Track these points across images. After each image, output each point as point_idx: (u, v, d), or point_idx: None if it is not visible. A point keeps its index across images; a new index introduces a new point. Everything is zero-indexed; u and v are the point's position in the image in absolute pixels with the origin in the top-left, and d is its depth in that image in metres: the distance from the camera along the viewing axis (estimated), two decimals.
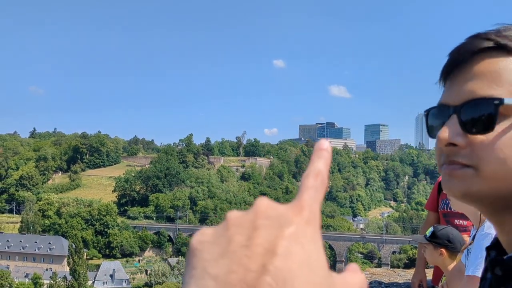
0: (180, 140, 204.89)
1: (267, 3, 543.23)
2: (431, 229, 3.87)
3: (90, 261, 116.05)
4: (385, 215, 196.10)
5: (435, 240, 3.77)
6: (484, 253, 2.19)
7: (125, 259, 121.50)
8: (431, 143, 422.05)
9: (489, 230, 2.60)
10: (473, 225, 3.04)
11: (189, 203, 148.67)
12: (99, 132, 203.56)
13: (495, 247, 1.01)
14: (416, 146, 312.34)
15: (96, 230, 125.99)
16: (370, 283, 5.06)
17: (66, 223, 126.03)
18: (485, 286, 1.01)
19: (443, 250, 3.77)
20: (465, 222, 4.42)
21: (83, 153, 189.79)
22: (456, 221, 4.54)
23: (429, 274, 4.86)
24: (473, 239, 2.84)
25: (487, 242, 2.46)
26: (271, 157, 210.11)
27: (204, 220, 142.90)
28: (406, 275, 5.20)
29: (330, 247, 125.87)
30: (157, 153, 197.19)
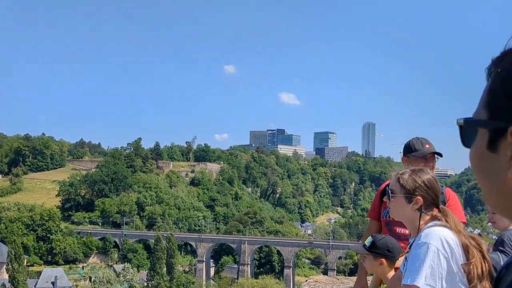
0: (128, 144, 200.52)
1: (217, 7, 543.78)
2: (370, 239, 3.95)
3: (30, 268, 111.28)
4: (332, 221, 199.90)
5: (375, 250, 3.85)
6: (423, 262, 2.61)
7: (68, 266, 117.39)
8: (377, 151, 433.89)
9: (426, 239, 2.68)
10: (410, 233, 3.12)
11: (136, 209, 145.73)
12: (43, 134, 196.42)
13: None
14: (362, 154, 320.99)
15: (37, 236, 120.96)
16: None
17: (6, 228, 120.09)
18: None
19: (383, 260, 3.85)
20: (406, 231, 4.41)
21: (26, 156, 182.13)
22: (398, 230, 4.60)
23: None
24: (410, 247, 2.90)
25: (424, 251, 2.68)
26: (221, 162, 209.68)
27: (151, 225, 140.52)
28: (349, 282, 5.36)
29: (278, 253, 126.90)
30: (104, 157, 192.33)
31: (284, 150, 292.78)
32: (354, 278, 5.36)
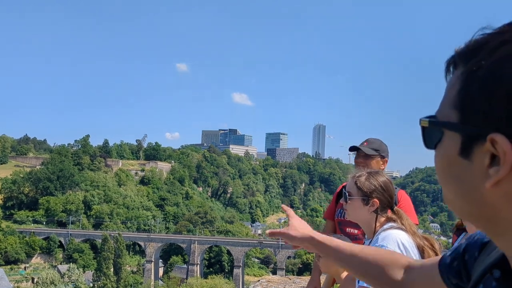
0: (75, 141, 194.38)
1: (170, 4, 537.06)
2: None
3: None
4: (282, 221, 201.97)
5: None
6: None
7: (9, 267, 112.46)
8: (327, 153, 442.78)
9: (383, 243, 2.77)
10: (365, 235, 3.24)
11: (83, 207, 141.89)
12: None
13: (499, 266, 0.90)
14: (312, 155, 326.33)
15: None
16: None
17: None
18: None
19: None
20: (355, 231, 4.63)
21: None
22: (348, 230, 4.75)
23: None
24: None
25: None
26: (172, 161, 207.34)
27: (98, 225, 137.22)
28: (301, 282, 5.63)
29: (228, 252, 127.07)
30: (49, 153, 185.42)
31: (236, 150, 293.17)
32: (306, 278, 5.64)
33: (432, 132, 0.91)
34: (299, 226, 1.99)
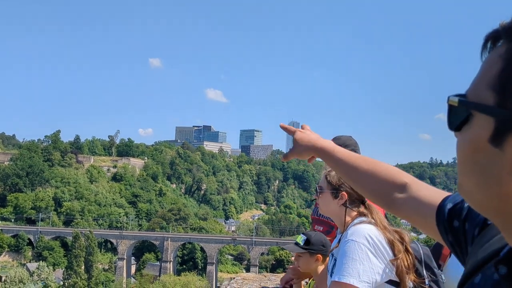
0: (45, 136, 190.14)
1: None
2: (302, 236, 4.03)
3: None
4: (256, 217, 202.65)
5: (311, 247, 3.93)
6: (352, 259, 2.69)
7: None
8: None
9: (352, 237, 2.78)
10: (337, 228, 3.28)
11: (54, 204, 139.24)
12: None
13: (505, 261, 0.83)
14: (286, 152, 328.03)
15: None
16: None
17: None
18: None
19: (320, 256, 3.97)
20: (320, 228, 4.68)
21: None
22: (316, 227, 4.78)
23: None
24: (338, 242, 3.01)
25: (351, 249, 2.77)
26: (145, 158, 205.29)
27: (69, 222, 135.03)
28: (276, 279, 5.65)
29: (202, 249, 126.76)
30: (18, 149, 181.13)
31: (210, 146, 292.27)
32: (281, 275, 5.67)
33: (459, 113, 0.81)
34: (306, 133, 2.03)
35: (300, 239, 4.01)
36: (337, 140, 4.92)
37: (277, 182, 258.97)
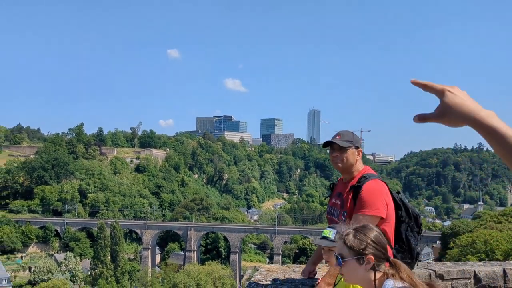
0: (69, 129, 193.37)
1: None
2: (331, 230, 3.88)
3: None
4: (278, 206, 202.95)
5: None
6: None
7: (5, 256, 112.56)
8: (322, 138, 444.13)
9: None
10: None
11: (79, 196, 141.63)
12: None
13: None
14: (308, 141, 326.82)
15: None
16: (264, 281, 5.34)
17: None
18: None
19: None
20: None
21: None
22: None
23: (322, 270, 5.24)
24: None
25: None
26: (167, 149, 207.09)
27: (94, 213, 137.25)
28: (300, 271, 5.55)
29: (225, 239, 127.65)
30: (43, 142, 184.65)
31: (231, 136, 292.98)
32: (305, 266, 5.58)
33: None
34: (460, 98, 1.72)
35: (330, 233, 3.85)
36: (343, 137, 4.80)
37: (298, 170, 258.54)
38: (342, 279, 3.83)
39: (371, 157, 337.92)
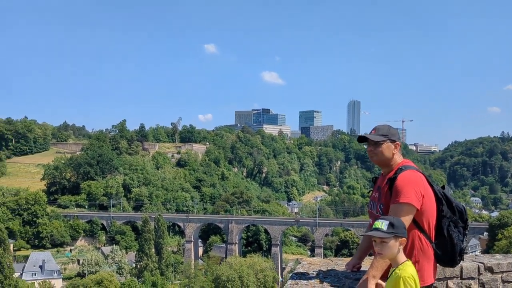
0: (112, 126, 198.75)
1: None
2: (383, 222, 3.85)
3: (18, 252, 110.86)
4: (318, 199, 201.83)
5: (396, 231, 3.79)
6: None
7: (55, 249, 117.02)
8: (362, 129, 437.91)
9: None
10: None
11: (123, 191, 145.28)
12: (25, 117, 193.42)
13: None
14: (348, 132, 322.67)
15: (23, 220, 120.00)
16: (306, 274, 5.32)
17: None
18: None
19: (405, 239, 3.86)
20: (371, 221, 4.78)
21: (8, 140, 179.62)
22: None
23: (367, 263, 5.16)
24: None
25: None
26: (207, 143, 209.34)
27: (138, 207, 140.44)
28: (343, 264, 5.50)
29: (266, 231, 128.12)
30: (88, 139, 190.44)
31: (270, 129, 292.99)
32: (347, 259, 5.51)
33: None
34: None
35: (382, 224, 3.81)
36: (378, 131, 4.77)
37: (339, 162, 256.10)
38: (394, 271, 3.78)
39: (414, 148, 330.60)
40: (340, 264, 5.54)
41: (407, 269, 3.76)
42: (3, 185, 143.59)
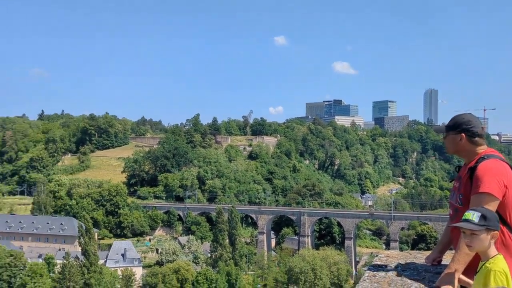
0: (187, 120, 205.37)
1: None
2: (475, 213, 3.62)
3: (101, 241, 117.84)
4: (394, 191, 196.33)
5: (488, 223, 3.56)
6: None
7: (136, 239, 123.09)
8: (440, 119, 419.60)
9: None
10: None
11: (198, 183, 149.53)
12: (106, 113, 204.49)
13: None
14: (424, 122, 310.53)
15: (106, 211, 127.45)
16: (385, 266, 5.11)
17: (77, 204, 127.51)
18: None
19: (497, 233, 3.61)
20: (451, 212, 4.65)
21: (92, 135, 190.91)
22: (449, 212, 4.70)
23: (447, 256, 4.84)
24: None
25: None
26: (278, 135, 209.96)
27: (213, 199, 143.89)
28: (422, 257, 5.22)
29: (339, 224, 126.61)
30: (164, 133, 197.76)
31: (342, 121, 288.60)
32: (426, 253, 5.23)
33: None
34: None
35: (473, 215, 3.57)
36: (459, 119, 4.48)
37: (415, 154, 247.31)
38: (484, 265, 3.49)
39: (497, 138, 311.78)
40: (419, 257, 5.26)
41: (499, 263, 3.45)
42: (88, 177, 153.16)
